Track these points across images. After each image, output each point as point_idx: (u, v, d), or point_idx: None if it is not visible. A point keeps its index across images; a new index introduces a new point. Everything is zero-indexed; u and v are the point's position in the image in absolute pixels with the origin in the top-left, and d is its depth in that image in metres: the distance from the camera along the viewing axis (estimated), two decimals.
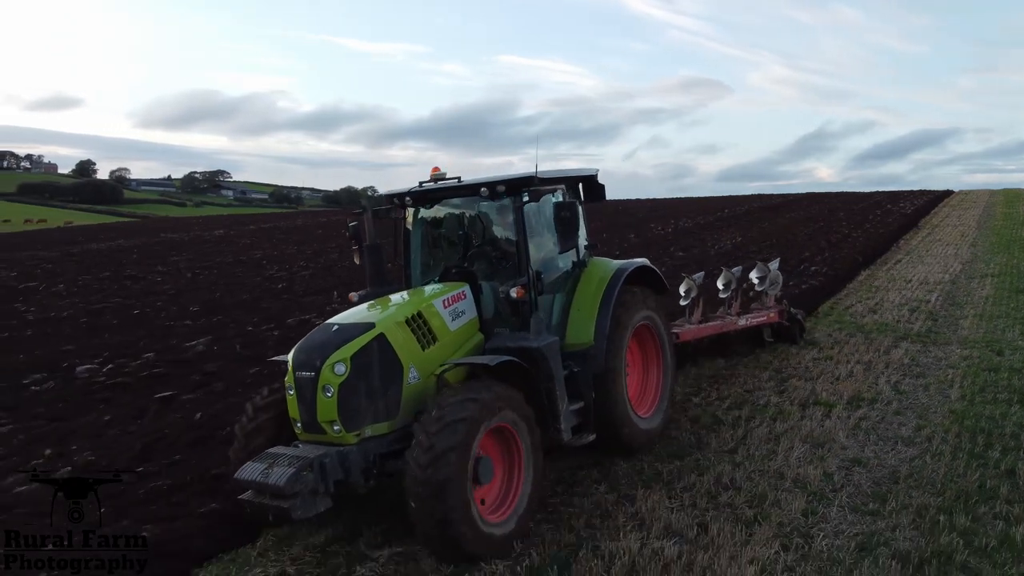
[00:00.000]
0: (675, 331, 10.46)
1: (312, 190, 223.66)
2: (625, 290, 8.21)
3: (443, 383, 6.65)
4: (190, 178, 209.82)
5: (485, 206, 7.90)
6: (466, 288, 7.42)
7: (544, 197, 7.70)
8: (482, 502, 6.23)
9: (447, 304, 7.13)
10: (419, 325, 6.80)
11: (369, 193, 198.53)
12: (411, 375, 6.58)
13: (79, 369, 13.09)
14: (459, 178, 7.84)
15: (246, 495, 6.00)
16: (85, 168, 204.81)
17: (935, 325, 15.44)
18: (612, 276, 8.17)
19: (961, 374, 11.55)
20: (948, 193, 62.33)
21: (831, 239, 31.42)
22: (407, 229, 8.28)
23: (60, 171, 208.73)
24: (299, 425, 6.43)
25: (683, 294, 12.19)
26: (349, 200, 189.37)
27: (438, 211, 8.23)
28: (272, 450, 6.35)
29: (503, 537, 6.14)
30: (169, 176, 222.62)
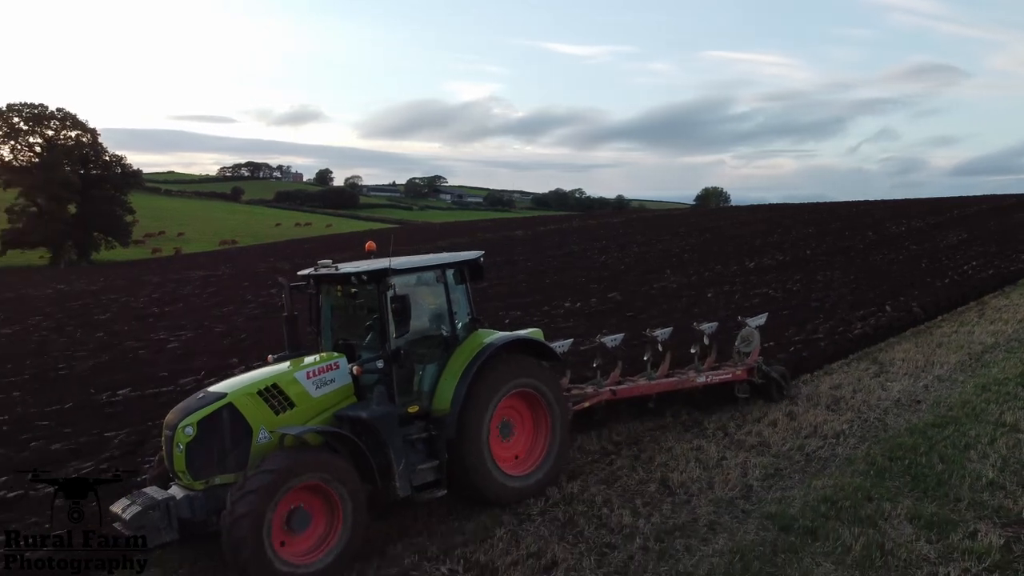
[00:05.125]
0: (612, 388, 10.84)
1: (522, 193, 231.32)
2: (494, 363, 8.63)
3: (283, 444, 7.48)
4: (412, 184, 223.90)
5: (370, 289, 8.48)
6: (341, 360, 8.21)
7: (420, 279, 8.79)
8: (282, 543, 7.03)
9: (312, 375, 8.02)
10: (273, 395, 7.74)
11: (577, 195, 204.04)
12: (261, 435, 7.53)
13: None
14: (336, 267, 8.65)
15: (116, 523, 7.18)
16: (323, 176, 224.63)
17: None
18: (479, 351, 8.67)
19: None
20: None
21: None
22: (318, 304, 9.03)
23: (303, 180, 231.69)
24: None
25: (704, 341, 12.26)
26: (557, 201, 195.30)
27: (344, 290, 8.94)
28: (144, 489, 7.65)
29: (313, 574, 7.06)
30: (393, 182, 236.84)
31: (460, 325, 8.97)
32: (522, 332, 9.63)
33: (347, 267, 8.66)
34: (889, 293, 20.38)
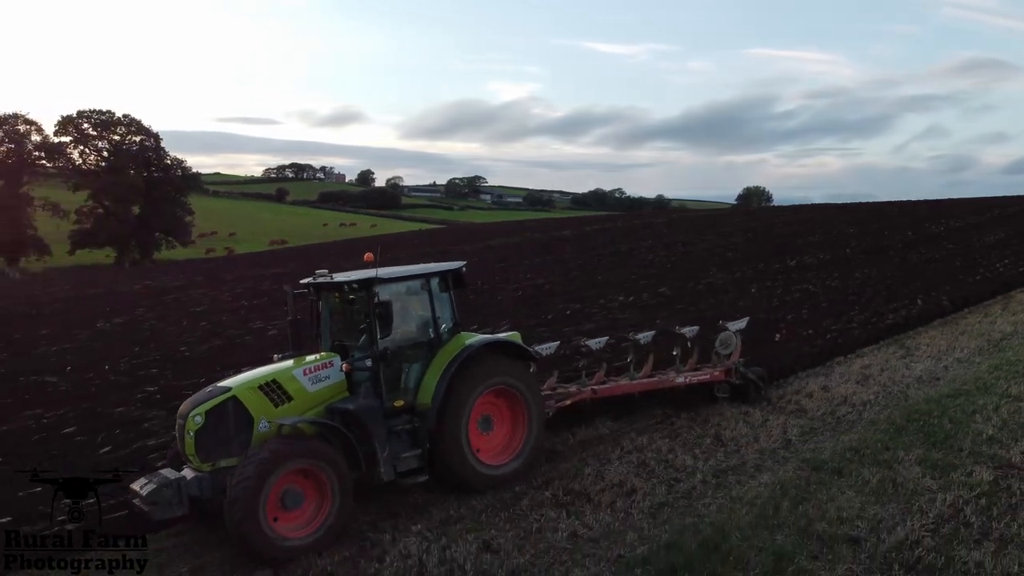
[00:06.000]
0: (594, 387, 11.67)
1: (561, 193, 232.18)
2: (472, 362, 9.47)
3: (280, 432, 8.42)
4: (452, 184, 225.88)
5: (360, 296, 9.48)
6: (335, 359, 9.18)
7: (408, 287, 9.73)
8: (275, 519, 7.99)
9: (308, 372, 9.00)
10: (273, 389, 8.71)
11: (617, 195, 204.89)
12: (261, 425, 8.51)
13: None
14: (332, 276, 9.59)
15: (135, 499, 8.22)
16: (365, 177, 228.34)
17: None
18: (459, 351, 9.53)
19: None
20: None
21: None
22: (319, 310, 9.96)
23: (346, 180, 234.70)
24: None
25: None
26: (596, 201, 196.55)
27: (341, 296, 9.91)
28: (160, 470, 8.68)
29: (301, 547, 8.00)
30: (434, 182, 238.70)
31: (444, 328, 9.84)
32: (501, 335, 10.55)
33: (341, 276, 9.62)
34: (921, 288, 21.89)
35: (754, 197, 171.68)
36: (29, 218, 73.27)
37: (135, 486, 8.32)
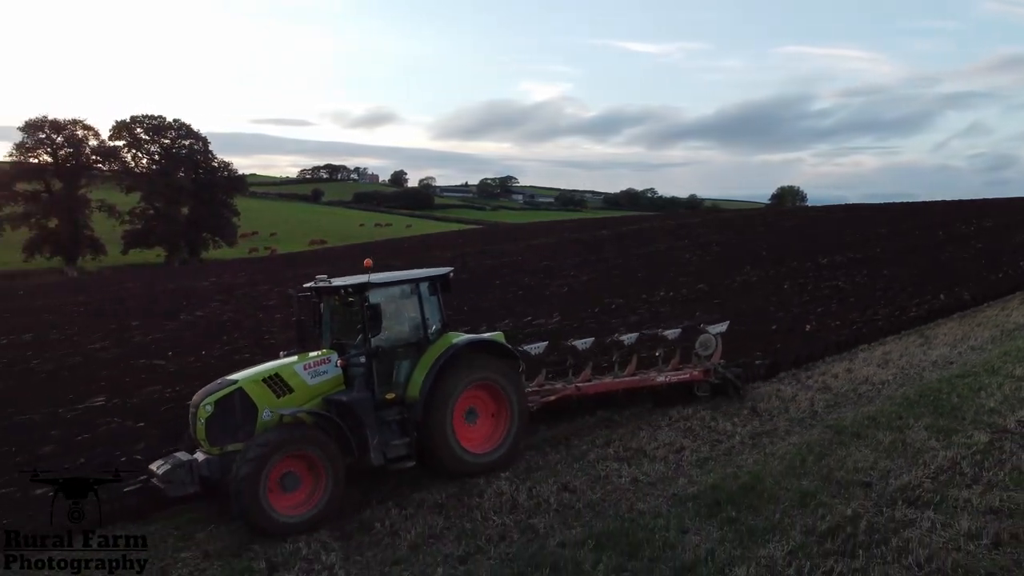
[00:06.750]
0: (578, 385, 12.59)
1: (593, 193, 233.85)
2: (457, 360, 10.26)
3: (281, 421, 9.36)
4: (484, 184, 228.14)
5: (355, 299, 10.25)
6: (333, 355, 10.08)
7: (401, 291, 10.54)
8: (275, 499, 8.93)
9: (308, 367, 9.86)
10: (276, 382, 9.60)
11: (649, 195, 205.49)
12: (265, 414, 9.40)
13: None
14: (330, 281, 10.48)
15: (153, 478, 9.24)
16: (398, 177, 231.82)
17: None
18: (444, 349, 10.33)
19: None
20: None
21: None
22: (320, 311, 10.83)
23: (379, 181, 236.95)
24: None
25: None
26: (628, 201, 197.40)
27: (341, 299, 10.70)
28: (175, 452, 9.56)
29: (297, 524, 8.94)
30: (466, 183, 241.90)
31: (432, 329, 10.63)
32: (485, 335, 11.28)
33: (339, 281, 10.56)
34: (945, 285, 23.27)
35: (788, 197, 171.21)
36: (87, 219, 76.86)
37: (153, 466, 9.41)
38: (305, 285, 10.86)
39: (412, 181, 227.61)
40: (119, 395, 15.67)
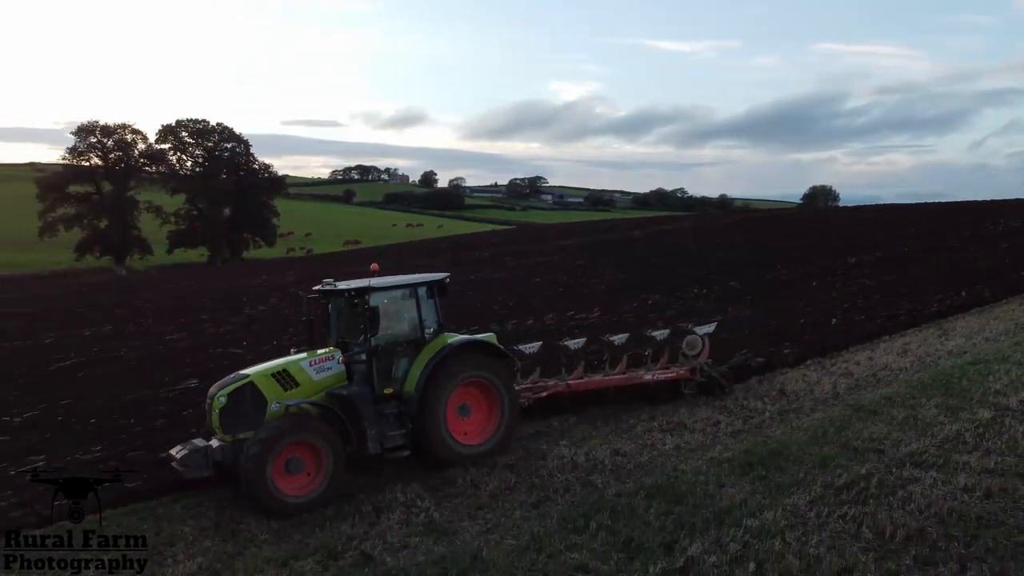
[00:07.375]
0: (569, 382, 13.41)
1: (623, 192, 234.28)
2: (451, 358, 11.07)
3: (287, 412, 10.23)
4: (513, 184, 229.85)
5: (357, 301, 11.02)
6: (337, 353, 10.92)
7: (400, 295, 11.36)
8: (280, 481, 9.79)
9: (314, 364, 10.71)
10: (283, 377, 10.47)
11: (679, 195, 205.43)
12: (273, 405, 10.27)
13: None
14: (335, 284, 11.19)
15: (172, 462, 10.10)
16: (428, 178, 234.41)
17: None
18: (439, 349, 11.14)
19: None
20: None
21: None
22: (328, 311, 11.65)
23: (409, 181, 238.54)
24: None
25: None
26: (658, 201, 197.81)
27: (347, 300, 11.41)
28: (193, 440, 10.51)
29: (301, 504, 9.79)
30: (495, 183, 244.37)
31: (429, 330, 11.43)
32: (478, 336, 12.00)
33: (343, 284, 11.29)
34: (967, 282, 24.38)
35: (820, 196, 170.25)
36: (135, 220, 79.88)
37: (172, 451, 10.36)
38: (314, 288, 11.73)
39: (442, 181, 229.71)
40: (208, 378, 17.48)
